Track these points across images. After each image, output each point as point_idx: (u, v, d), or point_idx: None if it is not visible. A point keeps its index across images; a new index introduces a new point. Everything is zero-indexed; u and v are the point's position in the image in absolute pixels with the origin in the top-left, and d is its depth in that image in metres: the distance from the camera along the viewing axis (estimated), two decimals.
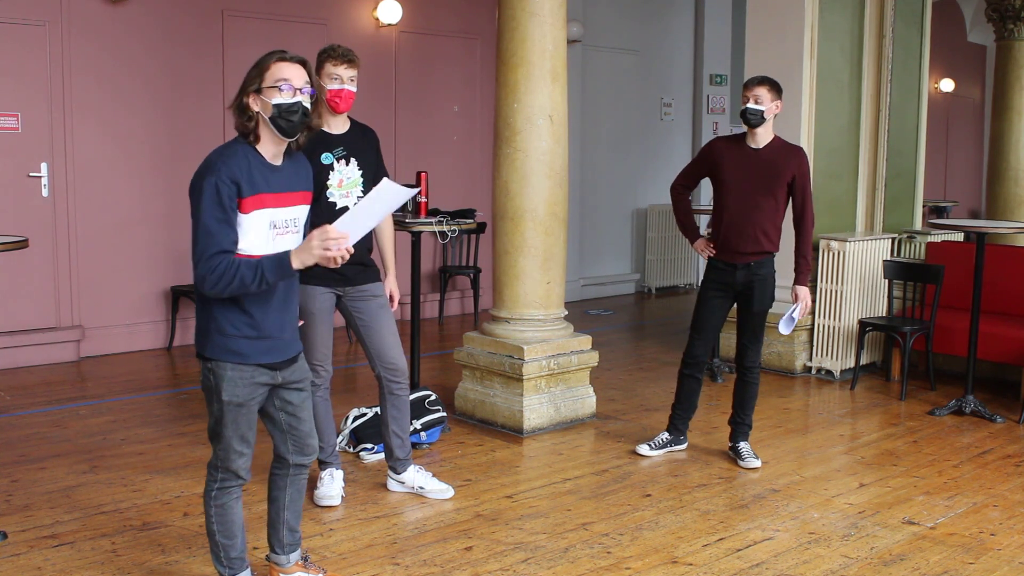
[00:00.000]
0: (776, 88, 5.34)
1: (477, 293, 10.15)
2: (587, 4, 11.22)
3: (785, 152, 5.39)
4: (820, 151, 7.83)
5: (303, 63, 3.42)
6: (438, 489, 5.00)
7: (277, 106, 3.33)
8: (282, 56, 3.40)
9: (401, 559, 4.28)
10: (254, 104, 3.37)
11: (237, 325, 3.42)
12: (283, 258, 3.31)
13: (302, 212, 3.55)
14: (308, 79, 3.42)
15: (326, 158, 4.70)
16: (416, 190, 3.78)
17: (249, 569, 3.76)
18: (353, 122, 4.88)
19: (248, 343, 3.44)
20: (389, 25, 9.61)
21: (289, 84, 3.35)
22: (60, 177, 7.88)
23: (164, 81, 8.26)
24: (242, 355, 3.44)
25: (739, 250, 5.41)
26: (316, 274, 4.59)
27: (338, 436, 5.76)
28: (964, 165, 15.97)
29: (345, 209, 4.67)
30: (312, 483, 5.00)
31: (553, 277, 6.24)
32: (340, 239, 3.25)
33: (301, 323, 4.67)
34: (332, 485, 4.92)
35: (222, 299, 3.38)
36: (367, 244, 4.78)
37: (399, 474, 5.02)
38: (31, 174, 7.79)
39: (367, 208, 3.41)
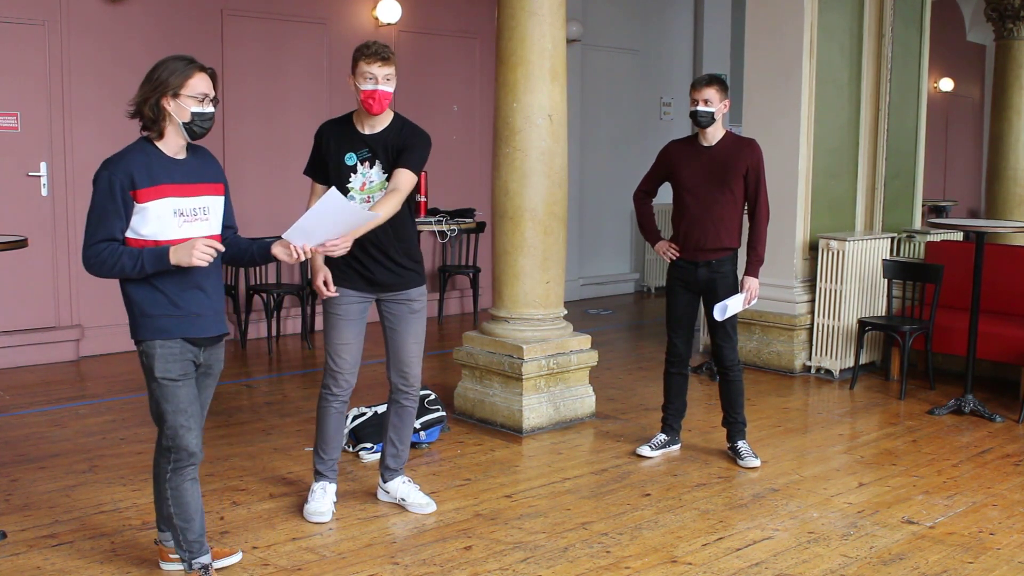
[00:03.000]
0: (724, 87, 5.41)
1: (476, 292, 10.15)
2: (586, 3, 11.23)
3: (737, 146, 5.46)
4: (820, 150, 7.83)
5: (213, 75, 3.71)
6: (419, 503, 4.82)
7: (195, 114, 3.62)
8: (201, 67, 3.66)
9: (400, 558, 4.28)
10: (167, 106, 3.61)
11: (158, 305, 3.66)
12: (163, 252, 3.58)
13: (212, 202, 3.77)
14: (215, 89, 3.70)
15: (349, 158, 4.49)
16: (375, 216, 4.06)
17: (208, 554, 3.87)
18: (400, 122, 4.56)
19: (169, 320, 3.68)
20: (388, 24, 9.60)
21: (207, 96, 3.64)
22: (59, 176, 7.88)
23: None
24: (167, 331, 3.68)
25: (701, 247, 5.46)
26: (345, 277, 4.51)
27: None
28: (963, 164, 15.98)
29: None
30: (304, 496, 4.92)
31: (552, 276, 6.24)
32: (212, 250, 3.58)
33: (335, 294, 4.45)
34: (323, 500, 4.72)
35: (137, 286, 3.65)
36: (408, 250, 4.59)
37: (386, 483, 4.88)
38: (30, 173, 7.79)
39: (316, 218, 3.75)
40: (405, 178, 4.42)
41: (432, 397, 5.96)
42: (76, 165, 7.93)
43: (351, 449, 5.65)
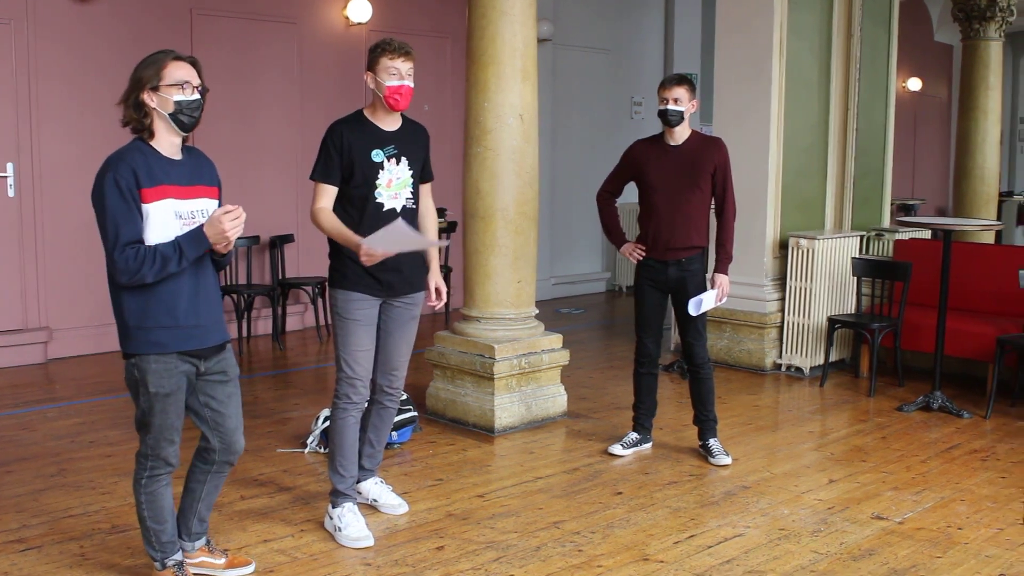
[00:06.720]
0: (692, 87, 5.45)
1: (448, 292, 10.12)
2: (558, 3, 11.24)
3: (704, 145, 5.49)
4: (790, 150, 7.88)
5: (194, 62, 3.60)
6: (392, 504, 4.80)
7: (178, 103, 3.51)
8: (177, 56, 3.56)
9: (372, 559, 4.27)
10: (150, 100, 3.51)
11: (154, 317, 3.54)
12: (198, 232, 3.50)
13: (209, 205, 3.67)
14: (200, 77, 3.59)
15: (376, 155, 4.38)
16: (444, 243, 4.11)
17: (180, 552, 3.90)
18: (405, 119, 4.55)
19: (166, 332, 3.56)
20: (359, 24, 9.58)
21: (189, 83, 3.53)
22: (26, 177, 7.81)
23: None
24: (162, 345, 3.56)
25: (670, 247, 5.47)
26: (358, 281, 4.42)
27: (308, 436, 5.75)
28: (931, 163, 16.13)
29: (392, 211, 4.41)
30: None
31: (524, 276, 6.24)
32: (238, 218, 3.47)
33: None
34: (359, 523, 4.47)
35: (134, 295, 3.51)
36: (418, 256, 4.56)
37: (358, 483, 4.80)
38: None
39: (387, 237, 4.06)
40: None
41: (404, 397, 5.95)
42: (43, 166, 7.86)
43: (322, 450, 5.63)
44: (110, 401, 6.76)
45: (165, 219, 3.49)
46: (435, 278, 4.70)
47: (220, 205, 3.72)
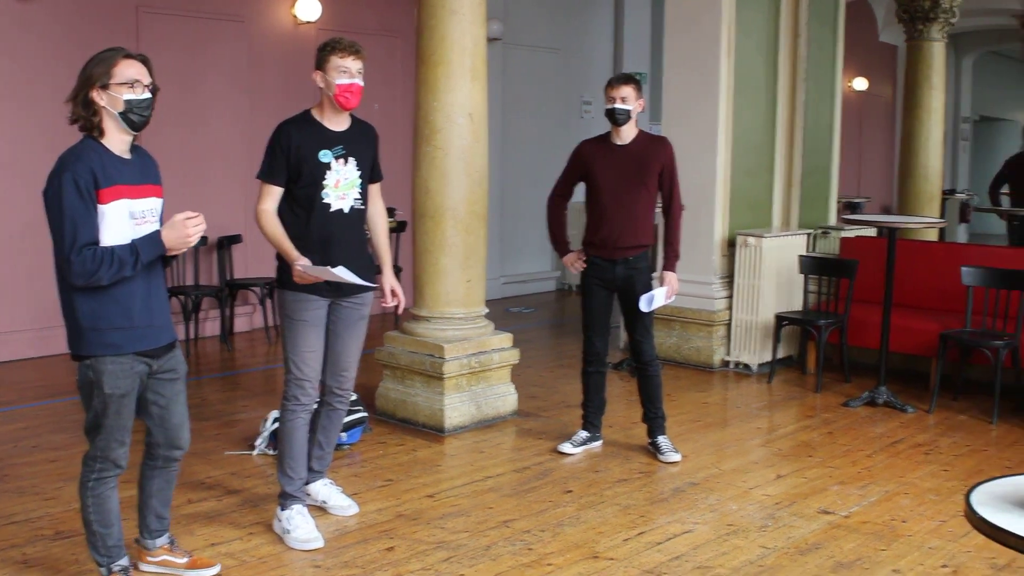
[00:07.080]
0: (639, 86, 5.49)
1: None
2: (508, 2, 11.24)
3: (651, 144, 5.53)
4: (738, 148, 7.94)
5: (145, 60, 3.57)
6: (341, 505, 4.78)
7: (129, 102, 3.48)
8: (128, 54, 3.53)
9: (322, 561, 4.25)
10: (99, 99, 3.48)
11: (108, 318, 3.51)
12: (154, 236, 3.48)
13: (156, 204, 3.66)
14: (151, 75, 3.56)
15: (324, 156, 4.35)
16: (370, 286, 4.40)
17: (126, 557, 3.86)
18: (354, 119, 4.52)
19: (122, 334, 3.54)
20: (308, 23, 9.52)
21: (139, 82, 3.49)
22: None
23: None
24: (118, 346, 3.54)
25: (618, 245, 5.50)
26: (309, 284, 4.38)
27: (257, 438, 5.70)
28: (876, 162, 16.37)
29: (340, 212, 4.39)
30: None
31: (474, 275, 6.24)
32: (199, 223, 3.48)
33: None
34: (309, 525, 4.44)
35: (88, 297, 3.48)
36: (366, 256, 4.58)
37: (307, 485, 4.74)
38: None
39: (323, 270, 4.18)
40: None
41: (354, 398, 5.92)
42: None
43: (271, 452, 5.59)
44: (53, 405, 6.66)
45: (120, 219, 3.47)
46: (389, 279, 4.67)
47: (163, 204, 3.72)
